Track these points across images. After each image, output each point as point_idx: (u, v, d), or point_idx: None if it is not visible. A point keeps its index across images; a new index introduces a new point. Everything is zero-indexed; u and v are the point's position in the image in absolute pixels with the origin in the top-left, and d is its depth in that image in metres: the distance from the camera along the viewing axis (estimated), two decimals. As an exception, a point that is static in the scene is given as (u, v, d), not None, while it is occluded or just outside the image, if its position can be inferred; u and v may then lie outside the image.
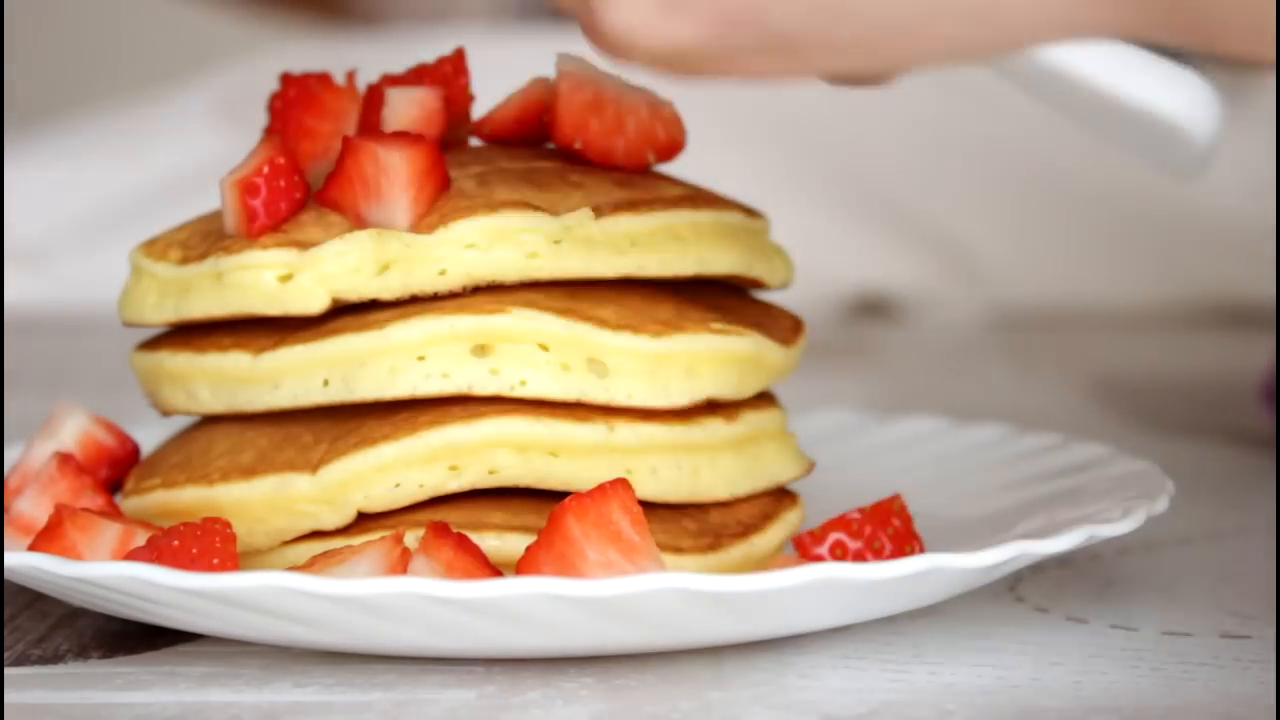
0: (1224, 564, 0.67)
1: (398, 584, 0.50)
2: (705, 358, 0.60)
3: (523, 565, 0.53)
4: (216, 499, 0.59)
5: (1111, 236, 1.57)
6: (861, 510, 0.56)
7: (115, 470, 0.65)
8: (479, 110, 0.64)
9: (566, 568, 0.52)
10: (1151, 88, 0.51)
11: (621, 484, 0.54)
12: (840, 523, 0.55)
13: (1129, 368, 1.20)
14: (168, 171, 1.59)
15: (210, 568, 0.54)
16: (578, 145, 0.62)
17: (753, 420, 0.62)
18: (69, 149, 1.64)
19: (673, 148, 0.63)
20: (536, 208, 0.59)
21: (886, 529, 0.56)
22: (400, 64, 0.65)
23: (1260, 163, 1.61)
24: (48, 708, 0.52)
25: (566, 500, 0.53)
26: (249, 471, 0.59)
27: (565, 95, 0.62)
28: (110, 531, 0.56)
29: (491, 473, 0.58)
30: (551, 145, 0.63)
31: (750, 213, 0.64)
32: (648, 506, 0.56)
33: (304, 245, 0.59)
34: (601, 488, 0.53)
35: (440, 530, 0.54)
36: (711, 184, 0.66)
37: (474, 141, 0.65)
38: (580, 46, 0.55)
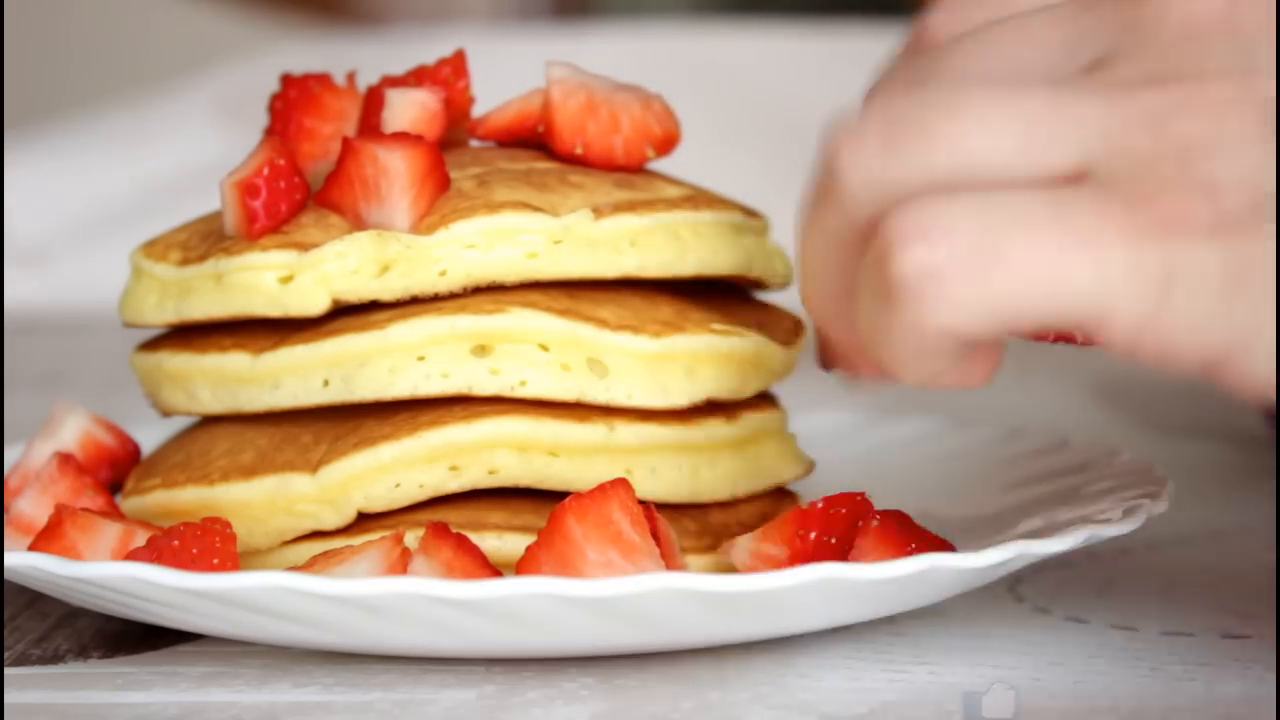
0: (1224, 564, 0.67)
1: (398, 584, 0.50)
2: (705, 358, 0.60)
3: (523, 565, 0.53)
4: (216, 499, 0.59)
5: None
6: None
7: (115, 470, 0.65)
8: (479, 111, 0.64)
9: (566, 568, 0.52)
10: None
11: (621, 484, 0.53)
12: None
13: (1129, 368, 1.20)
14: (168, 171, 1.59)
15: (210, 568, 0.54)
16: (579, 150, 0.62)
17: (753, 420, 0.62)
18: (69, 149, 1.64)
19: (669, 141, 0.63)
20: (536, 208, 0.59)
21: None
22: (400, 64, 0.65)
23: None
24: (48, 708, 0.52)
25: (566, 500, 0.53)
26: (249, 471, 0.59)
27: (559, 102, 0.62)
28: (110, 531, 0.56)
29: (491, 473, 0.58)
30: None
31: (750, 213, 0.64)
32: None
33: (304, 246, 0.59)
34: (601, 488, 0.53)
35: (440, 530, 0.54)
36: (711, 184, 0.65)
37: (473, 142, 0.65)
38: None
